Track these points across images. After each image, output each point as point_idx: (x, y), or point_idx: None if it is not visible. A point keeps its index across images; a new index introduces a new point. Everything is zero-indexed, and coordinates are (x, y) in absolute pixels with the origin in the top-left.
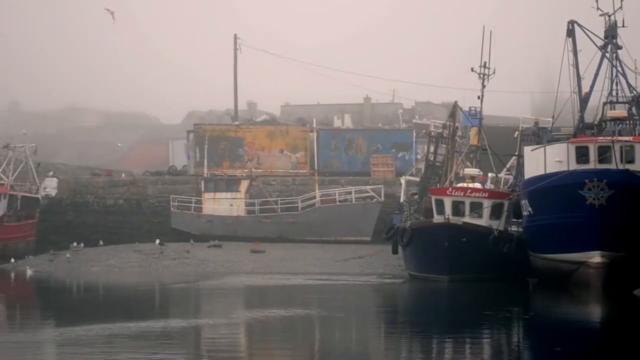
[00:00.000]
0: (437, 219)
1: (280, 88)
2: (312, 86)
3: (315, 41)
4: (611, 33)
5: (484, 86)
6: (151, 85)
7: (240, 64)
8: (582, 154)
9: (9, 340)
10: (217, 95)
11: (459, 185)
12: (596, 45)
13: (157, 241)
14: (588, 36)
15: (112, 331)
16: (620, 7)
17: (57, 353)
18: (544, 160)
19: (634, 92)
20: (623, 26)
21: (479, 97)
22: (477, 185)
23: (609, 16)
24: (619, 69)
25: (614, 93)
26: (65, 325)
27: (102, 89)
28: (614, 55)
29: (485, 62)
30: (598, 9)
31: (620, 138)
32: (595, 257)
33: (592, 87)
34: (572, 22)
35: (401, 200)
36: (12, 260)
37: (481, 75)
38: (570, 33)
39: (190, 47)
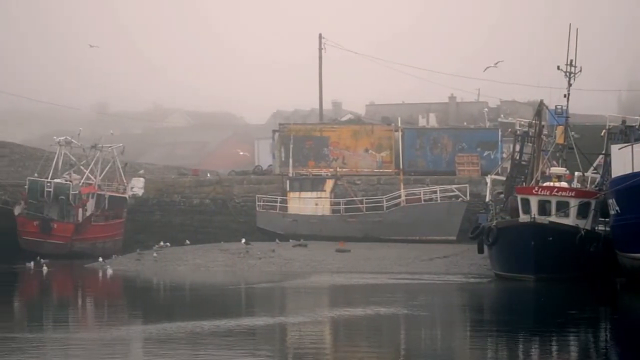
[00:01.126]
0: (523, 218)
1: (366, 87)
2: (397, 85)
3: (400, 40)
4: None
5: (570, 84)
6: (237, 85)
7: (325, 63)
8: None
9: (99, 337)
10: (302, 95)
11: (545, 184)
12: None
13: (243, 240)
14: None
15: (198, 329)
16: None
17: (144, 350)
18: (632, 159)
19: None
20: None
21: (565, 96)
22: (564, 184)
23: None
24: None
25: None
26: (152, 322)
27: (189, 89)
28: None
29: (571, 60)
30: None
31: None
32: None
33: None
34: None
35: (487, 199)
36: (100, 259)
37: (567, 74)
38: None
39: (275, 47)
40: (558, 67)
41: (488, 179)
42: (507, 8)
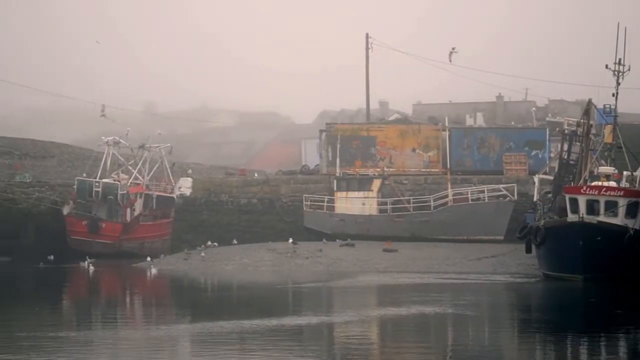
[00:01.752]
0: (571, 217)
1: (412, 87)
2: (444, 85)
3: (447, 40)
4: None
5: (618, 83)
6: (284, 85)
7: (372, 63)
8: None
9: (147, 335)
10: (348, 95)
11: (593, 183)
12: None
13: (290, 240)
14: None
15: (246, 328)
16: None
17: (192, 348)
18: None
19: None
20: None
21: (613, 95)
22: (612, 183)
23: None
24: None
25: None
26: (200, 321)
27: (236, 89)
28: None
29: (620, 59)
30: None
31: None
32: None
33: None
34: None
35: (534, 199)
36: (148, 259)
37: (616, 72)
38: None
39: (321, 47)
40: (606, 66)
41: (536, 179)
42: (556, 8)
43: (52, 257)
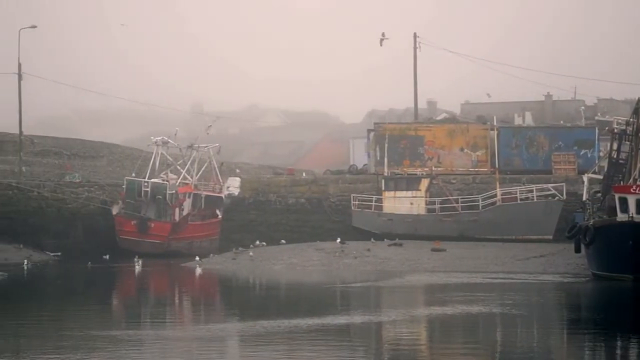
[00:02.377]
0: (620, 217)
1: (460, 86)
2: (492, 84)
3: (495, 38)
4: None
5: None
6: (332, 84)
7: (420, 62)
8: None
9: (195, 335)
10: (397, 94)
11: None
12: None
13: (338, 240)
14: None
15: (294, 327)
16: None
17: (241, 347)
18: None
19: None
20: None
21: None
22: None
23: None
24: None
25: None
26: (248, 320)
27: (284, 89)
28: None
29: None
30: None
31: None
32: None
33: None
34: None
35: (584, 198)
36: (197, 258)
37: None
38: None
39: (369, 47)
40: None
41: (585, 178)
42: (606, 5)
43: (107, 257)
